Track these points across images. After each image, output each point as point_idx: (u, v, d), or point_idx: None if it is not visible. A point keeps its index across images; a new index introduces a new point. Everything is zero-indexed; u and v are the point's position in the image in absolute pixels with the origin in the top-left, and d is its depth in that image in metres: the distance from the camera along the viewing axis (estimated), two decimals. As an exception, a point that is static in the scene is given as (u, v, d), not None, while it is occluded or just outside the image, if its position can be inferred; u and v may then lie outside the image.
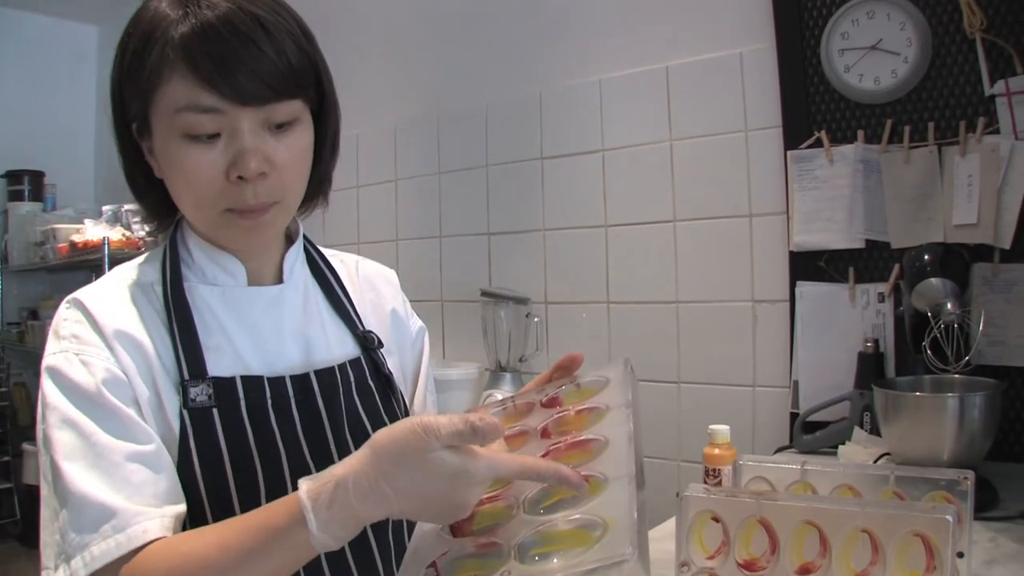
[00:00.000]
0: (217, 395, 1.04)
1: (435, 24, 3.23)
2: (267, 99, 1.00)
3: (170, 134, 1.00)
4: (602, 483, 0.85)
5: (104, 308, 1.05)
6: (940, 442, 1.62)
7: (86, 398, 0.98)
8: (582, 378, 1.14)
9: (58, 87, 5.57)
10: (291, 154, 1.06)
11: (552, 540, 0.79)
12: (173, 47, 0.97)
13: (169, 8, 1.00)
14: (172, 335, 1.06)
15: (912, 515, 1.00)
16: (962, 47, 2.02)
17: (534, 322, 2.84)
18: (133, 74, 1.02)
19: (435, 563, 0.80)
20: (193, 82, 0.97)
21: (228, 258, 1.14)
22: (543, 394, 1.15)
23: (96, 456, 0.95)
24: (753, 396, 2.37)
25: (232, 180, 1.01)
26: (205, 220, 1.07)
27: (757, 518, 1.09)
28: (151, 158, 1.08)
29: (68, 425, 0.97)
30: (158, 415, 1.02)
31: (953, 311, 1.79)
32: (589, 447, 0.96)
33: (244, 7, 1.00)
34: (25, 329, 5.03)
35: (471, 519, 0.88)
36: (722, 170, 2.42)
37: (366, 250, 3.10)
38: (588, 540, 0.77)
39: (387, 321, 1.33)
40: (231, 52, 0.97)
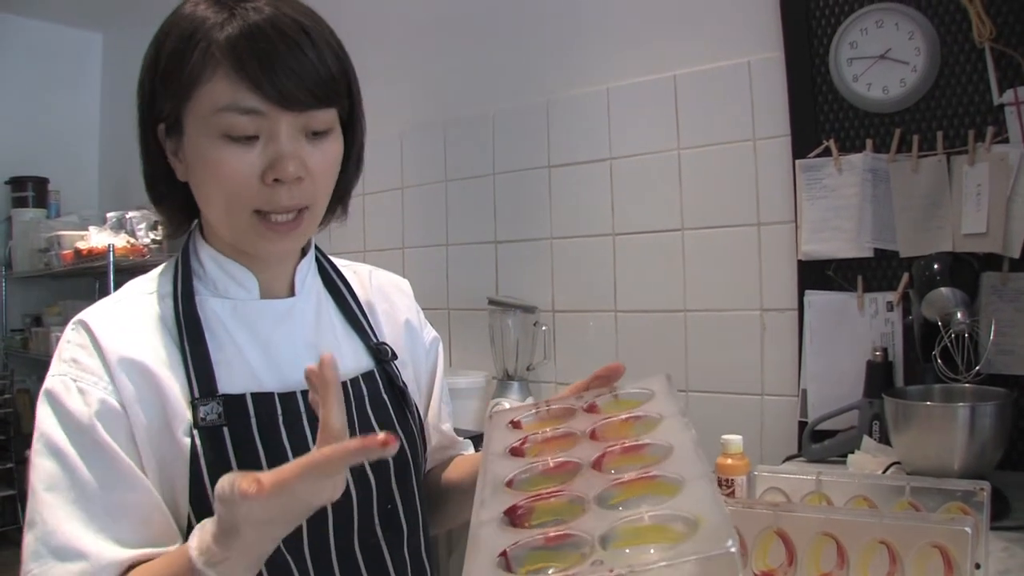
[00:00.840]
0: (227, 413, 1.03)
1: (442, 32, 3.24)
2: (308, 105, 1.01)
3: (206, 134, 1.00)
4: (678, 483, 0.85)
5: (110, 331, 1.04)
6: (951, 451, 1.62)
7: (77, 429, 0.98)
8: (620, 389, 1.15)
9: (63, 94, 5.57)
10: (325, 161, 1.06)
11: (637, 535, 0.78)
12: (219, 47, 0.98)
13: (210, 11, 1.01)
14: (183, 352, 1.06)
15: (930, 527, 1.00)
16: (971, 56, 2.02)
17: (542, 331, 2.84)
18: (169, 73, 1.01)
19: (505, 552, 0.79)
20: (237, 82, 0.97)
21: (241, 270, 1.13)
22: (582, 400, 1.15)
23: (79, 494, 0.96)
24: (761, 405, 2.37)
25: (267, 183, 1.01)
26: (234, 224, 1.05)
27: (774, 529, 1.09)
28: (175, 160, 1.07)
29: (54, 454, 0.97)
30: (163, 438, 1.01)
31: (963, 320, 1.79)
32: (644, 452, 0.96)
33: (288, 13, 1.01)
34: (29, 336, 5.01)
35: (529, 514, 0.87)
36: (730, 179, 2.43)
37: (372, 258, 3.11)
38: (679, 535, 0.76)
39: (401, 332, 1.32)
40: (277, 55, 0.98)
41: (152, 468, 1.00)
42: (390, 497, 1.15)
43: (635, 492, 0.87)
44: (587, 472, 0.93)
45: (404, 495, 1.17)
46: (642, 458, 0.94)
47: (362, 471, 1.11)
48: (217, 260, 1.13)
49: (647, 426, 1.03)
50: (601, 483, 0.89)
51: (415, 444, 1.21)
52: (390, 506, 1.15)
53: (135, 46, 4.53)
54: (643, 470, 0.90)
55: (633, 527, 0.80)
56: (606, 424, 1.06)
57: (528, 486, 0.95)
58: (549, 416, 1.15)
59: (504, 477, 0.96)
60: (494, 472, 0.99)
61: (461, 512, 1.36)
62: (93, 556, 0.93)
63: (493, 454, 1.05)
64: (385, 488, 1.14)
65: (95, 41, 5.79)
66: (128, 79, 4.27)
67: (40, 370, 5.16)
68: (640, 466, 0.92)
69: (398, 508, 1.16)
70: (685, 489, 0.84)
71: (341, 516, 1.09)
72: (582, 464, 0.95)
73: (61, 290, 5.36)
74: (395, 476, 1.16)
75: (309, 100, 1.01)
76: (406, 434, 1.19)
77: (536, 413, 1.16)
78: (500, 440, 1.10)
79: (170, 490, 1.01)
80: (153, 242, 4.26)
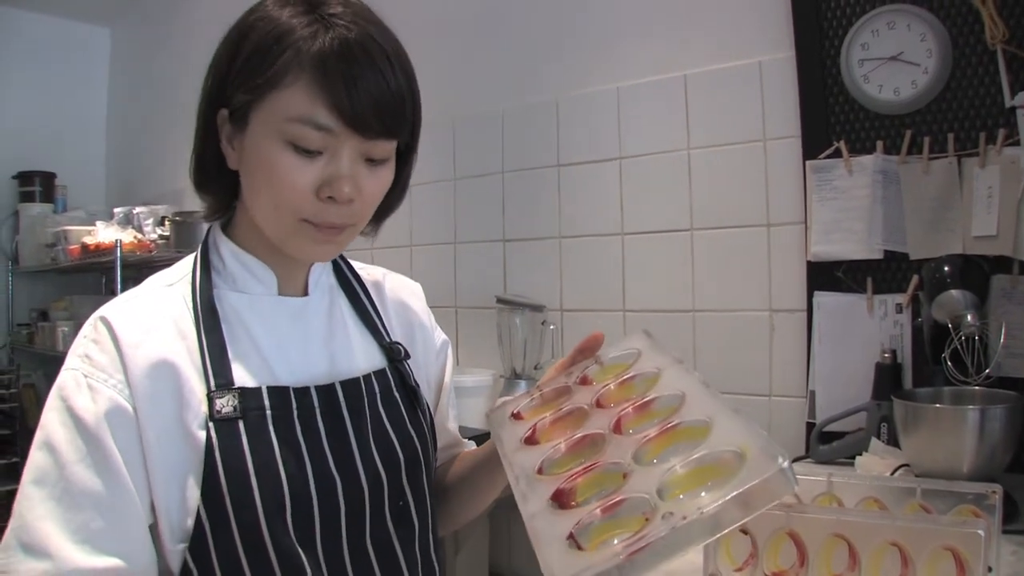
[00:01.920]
0: (243, 405, 1.03)
1: (452, 29, 3.24)
2: (378, 134, 1.02)
3: (273, 137, 1.01)
4: (706, 424, 0.86)
5: (130, 326, 1.04)
6: (960, 454, 1.62)
7: (80, 427, 0.98)
8: (603, 357, 1.17)
9: (70, 89, 5.59)
10: (377, 188, 1.08)
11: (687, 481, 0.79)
12: (308, 57, 0.98)
13: (300, 18, 1.01)
14: (200, 345, 1.06)
15: (943, 529, 1.00)
16: (983, 58, 2.02)
17: (550, 329, 2.84)
18: (250, 68, 1.02)
19: (572, 534, 0.79)
20: (317, 97, 0.98)
21: (260, 265, 1.14)
22: (572, 377, 1.17)
23: (63, 490, 0.96)
24: (769, 405, 2.37)
25: (321, 198, 1.03)
26: (279, 225, 1.07)
27: (786, 530, 1.09)
28: (228, 147, 1.08)
29: (48, 449, 0.98)
30: (177, 434, 1.02)
31: (973, 323, 1.79)
32: (654, 406, 0.97)
33: (376, 37, 1.03)
34: (35, 330, 5.01)
35: (573, 492, 0.88)
36: (740, 179, 2.42)
37: (380, 255, 3.11)
38: (729, 469, 0.76)
39: (413, 333, 1.34)
40: (362, 76, 0.99)
41: (162, 464, 1.00)
42: (401, 494, 1.16)
43: (666, 444, 0.88)
44: (612, 439, 0.95)
45: (415, 492, 1.18)
46: (656, 412, 0.96)
47: (374, 468, 1.12)
48: (237, 255, 1.14)
49: (647, 382, 1.05)
50: (630, 445, 0.90)
51: (426, 442, 1.22)
52: (402, 503, 1.16)
53: (143, 41, 4.57)
54: (663, 422, 0.91)
55: (681, 475, 0.80)
56: (606, 391, 1.07)
57: (558, 467, 0.96)
58: (545, 400, 1.18)
59: (532, 466, 0.97)
60: (520, 465, 0.99)
61: (466, 508, 1.39)
62: (58, 559, 0.93)
63: (511, 450, 1.06)
64: (397, 485, 1.15)
65: (103, 36, 5.81)
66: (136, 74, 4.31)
67: (46, 365, 5.20)
68: (657, 420, 0.93)
69: (410, 505, 1.17)
70: (715, 427, 0.85)
71: (353, 512, 1.09)
72: (604, 433, 0.96)
73: (67, 285, 5.37)
74: (406, 473, 1.16)
75: (380, 129, 1.02)
76: (417, 432, 1.20)
77: (532, 400, 1.18)
78: (510, 434, 1.11)
79: (180, 486, 1.01)
80: (160, 237, 4.26)
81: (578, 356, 1.24)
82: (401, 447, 1.17)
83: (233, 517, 1.00)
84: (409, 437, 1.19)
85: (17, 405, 4.89)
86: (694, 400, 0.93)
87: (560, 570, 0.75)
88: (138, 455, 1.00)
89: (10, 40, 5.33)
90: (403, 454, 1.16)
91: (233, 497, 1.00)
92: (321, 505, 1.05)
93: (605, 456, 0.91)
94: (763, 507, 0.74)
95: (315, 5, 1.03)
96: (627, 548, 0.73)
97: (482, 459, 1.32)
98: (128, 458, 0.99)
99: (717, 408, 0.88)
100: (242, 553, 1.00)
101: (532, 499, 0.90)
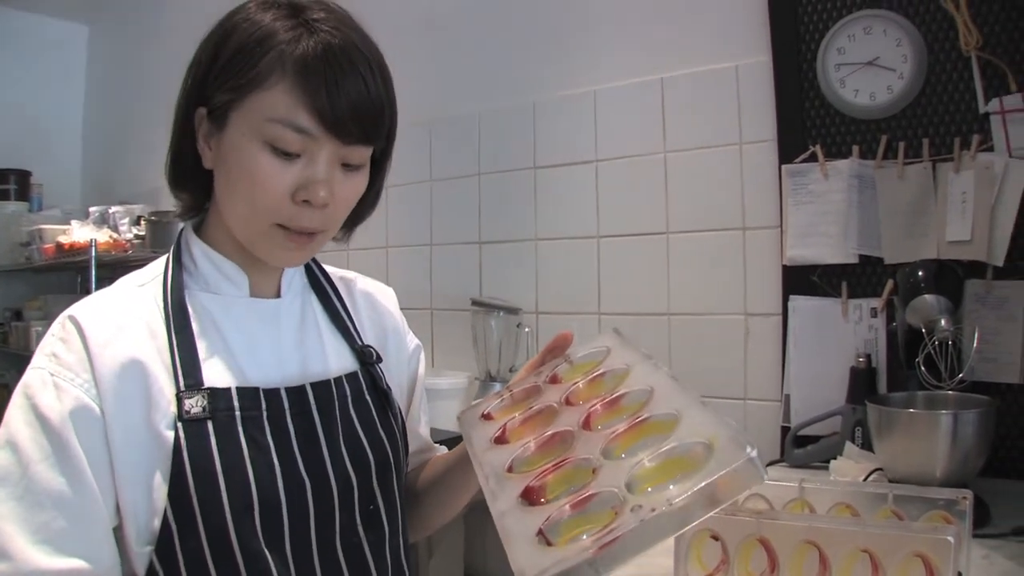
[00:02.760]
0: (212, 406, 1.03)
1: (428, 32, 3.23)
2: (356, 139, 1.03)
3: (252, 137, 1.01)
4: (674, 417, 0.86)
5: (99, 325, 1.03)
6: (933, 459, 1.62)
7: (45, 426, 0.97)
8: (573, 356, 1.17)
9: (47, 86, 5.54)
10: (351, 193, 1.09)
11: (656, 474, 0.79)
12: (292, 60, 0.99)
13: (283, 21, 1.02)
14: (170, 344, 1.05)
15: (913, 536, 1.00)
16: (957, 64, 2.03)
17: (525, 332, 2.83)
18: (232, 67, 1.02)
19: (541, 531, 0.79)
20: (298, 99, 0.99)
21: (233, 267, 1.14)
22: (542, 376, 1.17)
23: (24, 489, 0.94)
24: (744, 409, 2.37)
25: (296, 202, 1.03)
26: (251, 228, 1.07)
27: (757, 537, 1.09)
28: (205, 147, 1.08)
29: (11, 448, 0.96)
30: (145, 434, 1.00)
31: (947, 328, 1.79)
32: (623, 402, 0.98)
33: (358, 44, 1.04)
34: (9, 330, 4.97)
35: (543, 489, 0.87)
36: (716, 183, 2.43)
37: (356, 257, 3.09)
38: (697, 460, 0.76)
39: (385, 337, 1.33)
40: (344, 82, 1.00)
41: (129, 465, 0.99)
42: (372, 497, 1.15)
43: (634, 439, 0.88)
44: (581, 435, 0.95)
45: (386, 496, 1.17)
46: (625, 408, 0.96)
47: (344, 470, 1.11)
48: (209, 256, 1.14)
49: (617, 379, 1.05)
50: (599, 441, 0.90)
51: (396, 446, 1.21)
52: (372, 507, 1.15)
53: (121, 39, 4.53)
54: (632, 417, 0.91)
55: (650, 468, 0.80)
56: (575, 389, 1.08)
57: (528, 465, 0.96)
58: (515, 400, 1.18)
59: (502, 465, 0.97)
60: (490, 464, 0.99)
61: (439, 512, 1.38)
62: (19, 560, 0.92)
63: (480, 449, 1.05)
64: (367, 488, 1.14)
65: (81, 33, 5.77)
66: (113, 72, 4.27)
67: (20, 364, 5.12)
68: (626, 415, 0.93)
69: (380, 509, 1.16)
70: (683, 419, 0.85)
71: (323, 515, 1.08)
72: (573, 430, 0.96)
73: (42, 284, 5.31)
74: (376, 476, 1.16)
75: (359, 135, 1.03)
76: (388, 436, 1.20)
77: (502, 400, 1.18)
78: (480, 435, 1.10)
79: (147, 487, 1.00)
80: (136, 237, 4.23)
81: (547, 356, 1.24)
82: (372, 450, 1.16)
83: (200, 519, 0.99)
84: (380, 440, 1.18)
85: (-10, 405, 4.85)
86: (663, 394, 0.93)
87: (530, 567, 0.74)
88: (104, 455, 0.99)
89: (-14, 36, 5.28)
90: (374, 457, 1.16)
91: (201, 498, 0.99)
92: (290, 507, 1.04)
93: (575, 453, 0.91)
94: (732, 497, 0.74)
95: (298, 10, 1.04)
96: (596, 542, 0.72)
97: (454, 462, 1.31)
98: (93, 458, 0.98)
99: (686, 401, 0.88)
100: (209, 555, 0.99)
101: (501, 497, 0.89)
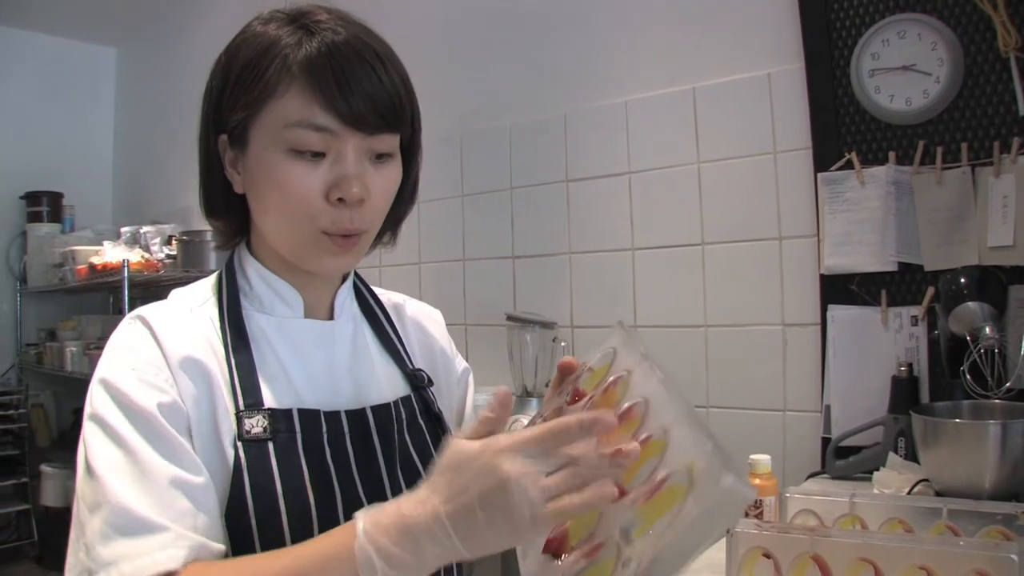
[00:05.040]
0: (273, 427, 1.02)
1: (458, 45, 3.23)
2: (377, 128, 1.03)
3: (274, 148, 1.01)
4: (663, 437, 0.84)
5: (168, 329, 1.04)
6: (982, 470, 1.59)
7: (139, 416, 0.95)
8: (590, 361, 1.15)
9: (77, 109, 5.61)
10: (386, 184, 1.08)
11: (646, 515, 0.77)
12: (297, 63, 1.00)
13: (286, 29, 1.03)
14: (229, 363, 1.05)
15: (974, 553, 0.98)
16: (995, 67, 2.00)
17: (561, 346, 2.81)
18: (242, 84, 1.03)
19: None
20: (311, 99, 0.99)
21: (287, 287, 1.14)
22: (564, 396, 1.15)
23: (141, 474, 0.92)
24: (784, 421, 2.34)
25: (331, 202, 1.03)
26: (296, 238, 1.06)
27: (810, 555, 1.07)
28: (233, 172, 1.09)
29: (115, 442, 0.94)
30: (213, 445, 1.00)
31: (992, 335, 1.77)
32: (633, 414, 0.93)
33: (362, 37, 1.04)
34: (43, 350, 5.01)
35: (565, 536, 0.86)
36: (751, 192, 2.41)
37: (388, 273, 3.10)
38: (680, 493, 0.75)
39: (435, 360, 1.33)
40: (353, 75, 1.00)
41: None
42: None
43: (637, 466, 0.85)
44: None
45: None
46: (635, 420, 0.92)
47: (398, 489, 1.10)
48: (264, 276, 1.14)
49: (625, 386, 1.02)
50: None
51: None
52: None
53: (148, 61, 4.58)
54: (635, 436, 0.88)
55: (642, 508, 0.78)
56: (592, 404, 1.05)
57: None
58: None
59: None
60: None
61: None
62: (172, 529, 0.90)
63: None
64: None
65: (109, 56, 5.83)
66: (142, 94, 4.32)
67: (55, 385, 5.20)
68: (635, 431, 0.90)
69: None
70: (670, 441, 0.82)
71: None
72: None
73: (75, 305, 5.38)
74: None
75: (379, 123, 1.02)
76: None
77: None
78: None
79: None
80: (167, 257, 4.26)
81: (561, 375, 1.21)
82: (427, 474, 1.15)
83: (257, 538, 0.98)
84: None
85: (26, 425, 4.89)
86: (655, 407, 0.90)
87: None
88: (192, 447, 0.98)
89: (17, 60, 5.35)
90: None
91: (260, 519, 0.98)
92: None
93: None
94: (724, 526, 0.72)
95: (298, 16, 1.05)
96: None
97: None
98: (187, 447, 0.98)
99: (672, 417, 0.85)
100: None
101: (531, 554, 0.88)
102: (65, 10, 5.09)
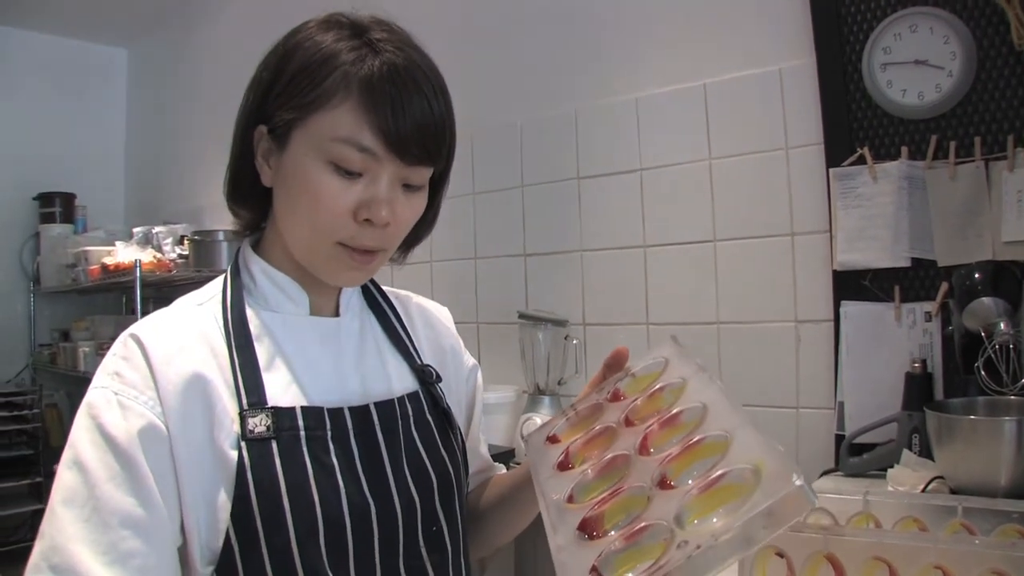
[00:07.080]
0: (276, 425, 1.02)
1: (468, 42, 3.22)
2: (418, 160, 1.04)
3: (314, 157, 1.02)
4: (725, 439, 0.84)
5: (161, 343, 1.03)
6: (997, 467, 1.58)
7: (111, 445, 0.96)
8: (634, 368, 1.15)
9: (89, 110, 5.64)
10: (411, 214, 1.10)
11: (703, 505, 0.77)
12: (357, 80, 1.00)
13: (346, 42, 1.03)
14: (232, 362, 1.05)
15: (990, 552, 0.97)
16: (1009, 60, 1.98)
17: (573, 344, 2.81)
18: (295, 88, 1.03)
19: (595, 567, 0.78)
20: (363, 118, 0.99)
21: (293, 285, 1.14)
22: (604, 393, 1.15)
23: (93, 510, 0.93)
24: (797, 417, 2.33)
25: (358, 220, 1.03)
26: (312, 247, 1.07)
27: (824, 553, 1.06)
28: (263, 164, 1.09)
29: (78, 468, 0.95)
30: (209, 453, 1.00)
31: (1007, 331, 1.75)
32: (680, 420, 0.95)
33: (419, 63, 1.05)
34: (57, 351, 5.03)
35: (601, 520, 0.86)
36: (763, 188, 2.40)
37: (399, 271, 3.08)
38: (745, 488, 0.75)
39: (443, 357, 1.33)
40: (409, 102, 1.01)
41: (194, 484, 0.99)
42: (435, 519, 1.14)
43: (688, 462, 0.86)
44: (636, 460, 0.93)
45: (448, 517, 1.16)
46: (682, 426, 0.94)
47: (407, 492, 1.10)
48: (269, 274, 1.14)
49: (674, 393, 1.03)
50: (653, 465, 0.88)
51: (458, 466, 1.21)
52: (435, 528, 1.14)
53: (159, 62, 4.59)
54: (686, 438, 0.89)
55: (697, 499, 0.78)
56: (635, 407, 1.06)
57: (587, 494, 0.94)
58: (579, 419, 1.17)
59: (563, 495, 0.96)
60: (551, 494, 0.98)
61: (503, 530, 1.37)
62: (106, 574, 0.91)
63: (543, 478, 1.04)
64: (430, 509, 1.13)
65: (120, 57, 5.87)
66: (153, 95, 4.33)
67: (68, 385, 5.22)
68: (682, 435, 0.91)
69: (443, 530, 1.15)
70: (734, 442, 0.83)
71: (386, 536, 1.07)
72: (630, 454, 0.95)
73: (88, 305, 5.40)
74: (439, 498, 1.15)
75: (421, 155, 1.04)
76: (449, 456, 1.19)
77: (567, 420, 1.17)
78: (544, 461, 1.09)
79: (211, 506, 0.99)
80: (180, 257, 4.27)
81: (607, 372, 1.22)
82: (434, 471, 1.15)
83: (263, 539, 0.98)
84: (442, 460, 1.17)
85: (40, 425, 4.91)
86: (715, 413, 0.91)
87: None
88: (170, 474, 0.98)
89: (28, 62, 5.38)
90: (436, 478, 1.15)
91: (264, 519, 0.98)
92: (354, 529, 1.03)
93: (630, 480, 0.89)
94: (781, 526, 0.72)
95: (361, 30, 1.04)
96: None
97: (520, 480, 1.29)
98: (160, 477, 0.97)
99: (737, 422, 0.86)
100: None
101: (561, 530, 0.88)
102: (76, 12, 5.13)
